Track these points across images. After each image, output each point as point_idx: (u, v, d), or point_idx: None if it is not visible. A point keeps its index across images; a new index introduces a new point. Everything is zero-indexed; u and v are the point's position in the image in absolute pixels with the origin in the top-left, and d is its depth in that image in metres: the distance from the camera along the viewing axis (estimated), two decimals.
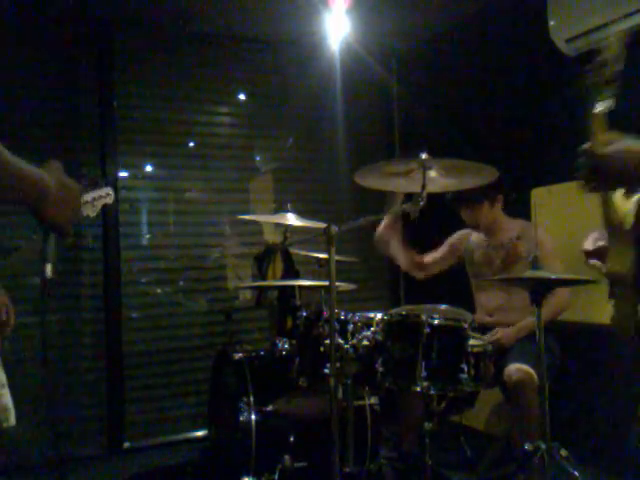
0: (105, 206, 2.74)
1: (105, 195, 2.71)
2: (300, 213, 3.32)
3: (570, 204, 3.29)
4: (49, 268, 1.98)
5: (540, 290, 2.41)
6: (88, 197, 2.62)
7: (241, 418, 2.80)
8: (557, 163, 3.58)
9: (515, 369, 2.72)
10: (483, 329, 3.02)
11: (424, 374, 2.31)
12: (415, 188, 2.07)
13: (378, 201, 3.03)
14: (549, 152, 3.61)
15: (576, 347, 3.22)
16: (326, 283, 2.43)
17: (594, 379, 3.22)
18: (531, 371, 2.68)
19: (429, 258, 3.39)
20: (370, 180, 2.36)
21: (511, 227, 3.17)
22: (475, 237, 3.30)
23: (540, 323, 2.41)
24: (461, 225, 3.34)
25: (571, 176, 1.53)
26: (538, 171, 3.67)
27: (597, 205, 1.77)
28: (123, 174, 4.24)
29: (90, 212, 2.63)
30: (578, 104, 1.64)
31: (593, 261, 2.05)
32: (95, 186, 2.70)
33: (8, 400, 2.18)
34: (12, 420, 2.08)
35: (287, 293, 3.38)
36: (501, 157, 3.46)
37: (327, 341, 2.53)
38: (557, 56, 3.39)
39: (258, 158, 4.73)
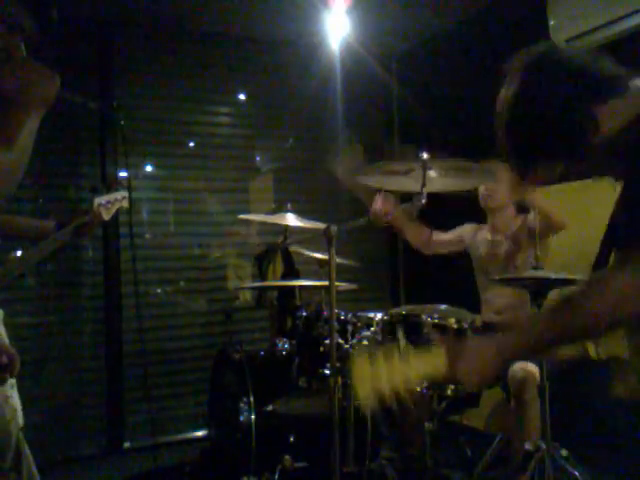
0: (120, 209, 2.72)
1: (121, 198, 2.69)
2: (300, 213, 3.32)
3: (570, 204, 3.29)
4: None
5: (540, 290, 2.41)
6: (102, 200, 2.60)
7: (241, 418, 2.80)
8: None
9: (519, 368, 2.71)
10: (491, 328, 3.01)
11: None
12: (415, 187, 2.07)
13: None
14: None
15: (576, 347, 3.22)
16: (326, 283, 2.43)
17: (594, 379, 3.22)
18: (535, 370, 2.67)
19: (437, 237, 3.40)
20: (370, 180, 2.36)
21: (517, 222, 3.18)
22: (481, 234, 3.31)
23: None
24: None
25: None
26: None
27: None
28: (123, 174, 4.23)
29: (105, 215, 2.61)
30: None
31: None
32: (110, 189, 2.68)
33: (17, 402, 2.18)
34: (20, 421, 2.08)
35: (287, 293, 3.38)
36: (501, 157, 3.45)
37: (327, 341, 2.53)
38: None
39: (258, 158, 4.73)
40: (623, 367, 2.99)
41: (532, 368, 2.69)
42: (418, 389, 1.20)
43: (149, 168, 4.39)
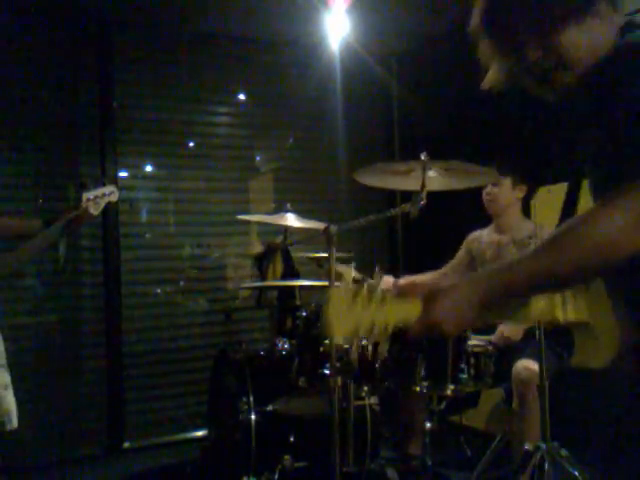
0: (109, 204, 2.72)
1: (109, 193, 2.68)
2: (300, 213, 3.32)
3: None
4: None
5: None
6: (90, 195, 2.60)
7: (241, 418, 2.80)
8: (557, 163, 3.58)
9: (523, 367, 2.71)
10: (494, 328, 3.01)
11: (424, 374, 2.31)
12: (414, 187, 2.07)
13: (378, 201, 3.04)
14: (549, 152, 3.61)
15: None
16: (326, 283, 2.44)
17: (594, 379, 3.22)
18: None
19: (452, 270, 3.36)
20: (370, 179, 2.36)
21: (524, 227, 3.15)
22: (487, 237, 3.28)
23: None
24: (468, 225, 3.34)
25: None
26: (538, 171, 3.66)
27: None
28: (123, 174, 4.24)
29: (93, 210, 2.61)
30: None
31: None
32: (98, 184, 2.68)
33: (10, 402, 2.17)
34: (15, 422, 2.07)
35: (287, 293, 3.38)
36: (501, 157, 3.45)
37: (327, 341, 2.53)
38: None
39: (258, 158, 4.73)
40: (586, 333, 2.88)
41: (536, 368, 2.67)
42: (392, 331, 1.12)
43: (149, 168, 4.39)
